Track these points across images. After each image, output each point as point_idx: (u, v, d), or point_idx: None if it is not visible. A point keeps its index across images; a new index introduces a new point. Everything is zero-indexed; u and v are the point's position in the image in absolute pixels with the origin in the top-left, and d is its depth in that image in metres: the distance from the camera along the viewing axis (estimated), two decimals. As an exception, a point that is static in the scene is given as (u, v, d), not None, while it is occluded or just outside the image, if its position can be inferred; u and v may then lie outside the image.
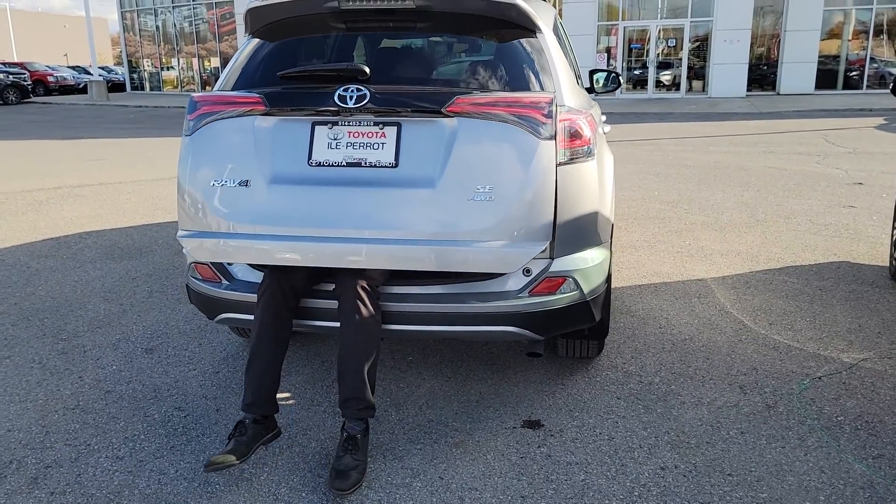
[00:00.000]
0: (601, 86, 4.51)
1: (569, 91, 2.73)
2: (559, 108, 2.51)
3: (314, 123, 2.52)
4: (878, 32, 21.29)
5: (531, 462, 2.48)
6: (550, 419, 2.76)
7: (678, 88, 22.21)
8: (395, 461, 2.50)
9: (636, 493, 2.29)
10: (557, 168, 2.45)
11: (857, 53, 21.67)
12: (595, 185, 2.66)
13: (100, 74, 30.34)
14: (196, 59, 30.62)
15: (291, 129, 2.54)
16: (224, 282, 2.74)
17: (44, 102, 27.22)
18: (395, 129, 2.47)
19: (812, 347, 3.38)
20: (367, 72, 2.54)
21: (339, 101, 2.46)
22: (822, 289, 4.20)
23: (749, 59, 21.06)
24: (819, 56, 21.35)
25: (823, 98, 19.40)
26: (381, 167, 2.45)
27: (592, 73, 4.57)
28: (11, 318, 3.97)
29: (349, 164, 2.47)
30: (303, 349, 3.45)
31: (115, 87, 33.08)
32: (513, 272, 2.50)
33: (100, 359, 3.41)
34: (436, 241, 2.40)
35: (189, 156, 2.61)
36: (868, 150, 9.96)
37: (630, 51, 22.78)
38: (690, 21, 21.54)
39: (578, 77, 3.72)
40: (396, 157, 2.45)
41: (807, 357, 3.27)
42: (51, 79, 32.51)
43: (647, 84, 22.40)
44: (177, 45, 31.13)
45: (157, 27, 31.70)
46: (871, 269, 4.55)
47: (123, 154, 11.40)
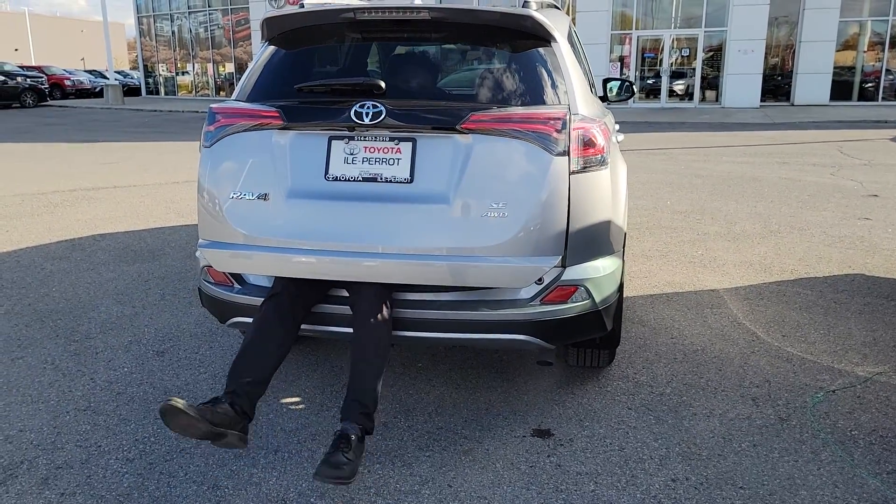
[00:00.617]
0: (614, 95, 4.51)
1: (583, 100, 2.73)
2: (573, 117, 2.51)
3: (331, 138, 2.55)
4: (894, 44, 21.15)
5: (541, 471, 2.46)
6: (560, 428, 2.75)
7: (691, 98, 22.15)
8: (404, 468, 2.49)
9: (646, 505, 2.27)
10: (570, 177, 2.46)
11: (873, 65, 21.55)
12: (608, 194, 2.65)
13: (116, 78, 30.67)
14: (211, 65, 30.87)
15: (308, 144, 2.57)
16: (236, 286, 2.75)
17: (60, 106, 27.49)
18: (411, 145, 2.49)
19: (826, 360, 3.34)
20: (383, 87, 2.56)
21: (356, 118, 2.48)
22: (837, 301, 4.17)
23: (763, 70, 20.98)
24: (834, 67, 21.24)
25: (838, 109, 19.28)
26: (397, 182, 2.48)
27: (606, 82, 4.57)
28: (25, 319, 4.00)
29: (365, 179, 2.50)
30: (313, 354, 3.46)
31: (131, 91, 33.39)
32: (525, 286, 2.50)
33: (112, 360, 3.43)
34: (449, 257, 2.42)
35: (208, 167, 2.65)
36: (883, 162, 9.88)
37: (643, 60, 22.75)
38: (704, 31, 21.49)
39: (592, 85, 3.72)
40: (412, 173, 2.48)
41: (820, 370, 3.24)
42: (68, 82, 32.88)
43: (661, 93, 22.35)
44: (192, 50, 31.39)
45: (173, 32, 31.98)
46: (887, 282, 4.51)
47: (138, 157, 11.49)
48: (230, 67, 30.07)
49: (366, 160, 2.51)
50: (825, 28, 20.88)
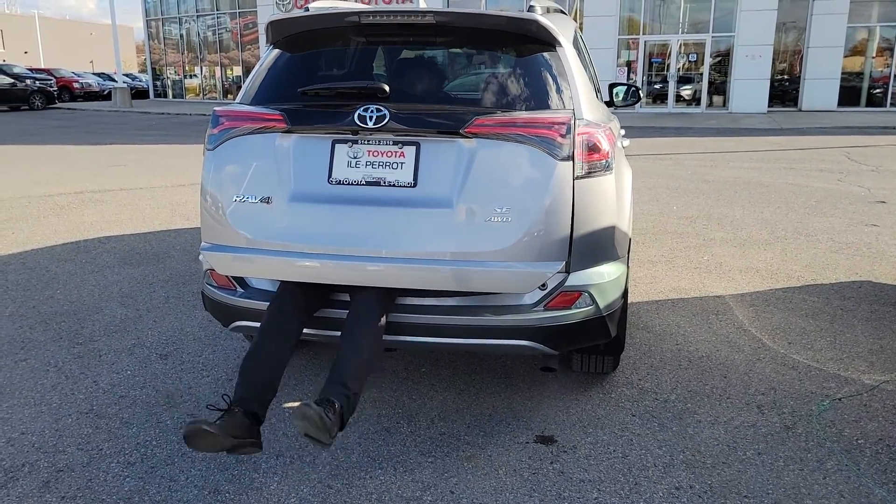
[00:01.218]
0: (621, 99, 4.49)
1: (587, 105, 2.72)
2: (578, 122, 2.50)
3: (334, 142, 2.54)
4: (903, 50, 21.09)
5: (543, 478, 2.44)
6: (564, 435, 2.73)
7: (698, 103, 22.10)
8: (406, 474, 2.48)
9: (650, 513, 2.25)
10: (575, 182, 2.44)
11: (881, 70, 21.46)
12: (613, 200, 2.64)
13: (124, 81, 30.80)
14: (219, 68, 30.99)
15: (312, 147, 2.56)
16: (239, 290, 2.75)
17: (69, 108, 27.62)
18: (414, 149, 2.49)
19: (832, 368, 3.32)
20: (387, 90, 2.56)
21: (359, 122, 2.47)
22: (843, 308, 4.14)
23: (771, 75, 20.92)
24: (842, 72, 21.17)
25: (846, 115, 19.20)
26: (400, 187, 2.47)
27: (612, 87, 4.55)
28: (30, 321, 4.01)
29: (368, 183, 2.49)
30: (315, 358, 3.45)
31: (139, 94, 33.53)
32: (529, 291, 2.49)
33: (115, 363, 3.43)
34: (453, 262, 2.41)
35: (212, 170, 2.65)
36: (891, 168, 9.82)
37: (650, 65, 22.72)
38: (712, 36, 21.46)
39: (598, 90, 3.70)
40: (415, 177, 2.47)
41: (827, 378, 3.21)
42: (76, 85, 33.06)
43: (668, 98, 22.32)
44: (200, 54, 31.52)
45: (182, 35, 32.12)
46: (894, 290, 4.47)
47: (145, 160, 11.53)
48: (238, 71, 30.18)
49: (369, 164, 2.51)
50: (833, 33, 20.81)
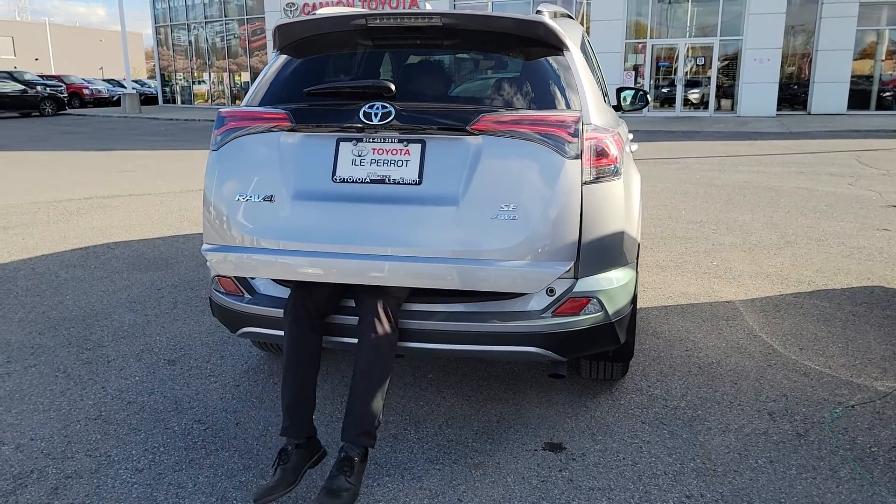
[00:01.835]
0: (628, 104, 4.48)
1: (595, 109, 2.70)
2: (585, 127, 2.48)
3: (339, 140, 2.52)
4: (913, 53, 20.98)
5: (552, 486, 2.42)
6: (573, 442, 2.71)
7: (707, 107, 22.03)
8: (414, 481, 2.46)
9: (660, 522, 2.23)
10: (583, 187, 2.42)
11: (891, 73, 21.33)
12: (621, 205, 2.62)
13: (133, 87, 31.01)
14: (227, 74, 31.14)
15: (316, 146, 2.54)
16: (246, 296, 2.74)
17: (79, 114, 27.81)
18: (420, 147, 2.46)
19: (844, 374, 3.28)
20: (393, 89, 2.54)
21: (364, 119, 2.45)
22: (855, 314, 4.10)
23: (779, 79, 20.83)
24: (851, 76, 21.04)
25: (856, 118, 19.09)
26: (405, 184, 2.44)
27: (620, 91, 4.54)
28: (39, 327, 4.02)
29: (373, 181, 2.46)
30: (323, 364, 3.44)
31: (148, 100, 33.72)
32: (536, 292, 2.46)
33: (123, 369, 3.43)
34: (459, 260, 2.37)
35: (215, 170, 2.62)
36: (902, 172, 9.76)
37: (658, 69, 22.67)
38: (720, 40, 21.39)
39: (605, 95, 3.69)
40: (420, 175, 2.44)
41: (839, 384, 3.18)
42: (86, 91, 33.30)
43: (675, 102, 22.25)
44: (208, 60, 31.69)
45: (190, 42, 32.30)
46: (906, 295, 4.43)
47: (153, 165, 11.58)
48: (246, 76, 30.31)
49: (374, 162, 2.48)
50: (842, 36, 20.70)
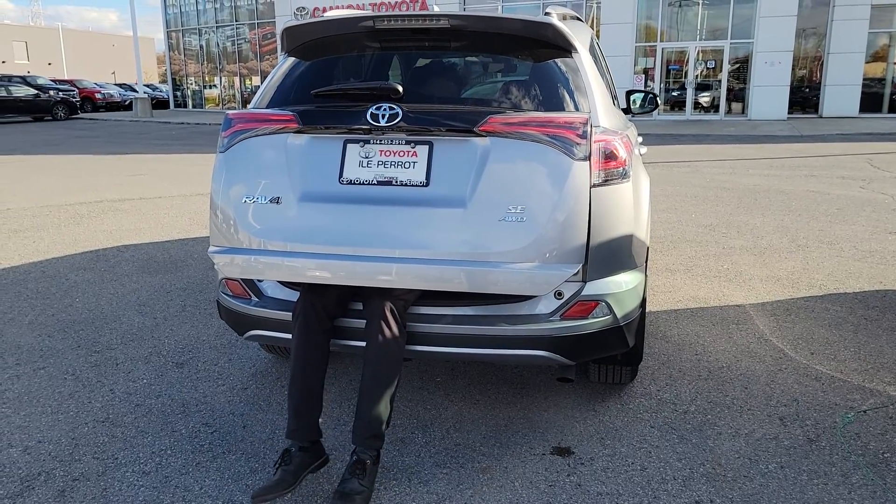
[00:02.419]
0: (638, 107, 4.46)
1: (604, 112, 2.69)
2: (594, 129, 2.47)
3: (346, 142, 2.52)
4: (926, 55, 20.81)
5: (560, 491, 2.40)
6: (581, 447, 2.69)
7: (717, 110, 21.94)
8: (421, 485, 2.45)
9: (669, 528, 2.20)
10: (591, 190, 2.40)
11: (904, 76, 21.19)
12: (630, 208, 2.60)
13: (145, 92, 31.22)
14: (238, 78, 31.31)
15: (323, 147, 2.53)
16: (254, 298, 2.74)
17: (91, 118, 28.02)
18: (427, 149, 2.45)
19: (856, 379, 3.24)
20: (400, 90, 2.53)
21: (372, 120, 2.45)
22: (867, 318, 4.05)
23: (791, 82, 20.71)
24: (863, 79, 20.90)
25: (868, 121, 18.95)
26: (412, 186, 2.43)
27: (629, 94, 4.52)
28: (48, 330, 4.04)
29: (380, 183, 2.45)
30: (331, 367, 3.43)
31: (159, 104, 33.94)
32: (544, 294, 2.44)
33: (131, 372, 3.44)
34: (466, 262, 2.35)
35: (222, 172, 2.62)
36: (915, 175, 9.67)
37: (668, 72, 22.60)
38: (730, 43, 21.31)
39: (615, 98, 3.68)
40: (428, 177, 2.43)
41: (851, 389, 3.14)
42: (98, 96, 33.54)
43: (686, 105, 22.17)
44: (219, 64, 31.88)
45: (201, 46, 32.50)
46: (920, 299, 4.38)
47: (164, 169, 11.64)
48: (256, 80, 30.46)
49: (381, 163, 2.47)
50: (854, 39, 20.57)
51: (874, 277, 4.85)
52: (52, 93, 28.24)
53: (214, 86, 32.59)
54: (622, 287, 2.58)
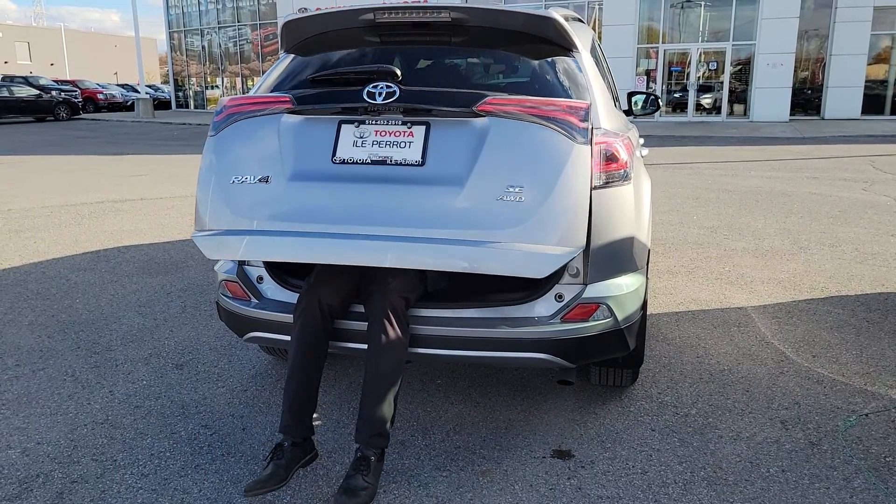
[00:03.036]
0: (640, 108, 4.45)
1: (605, 113, 2.68)
2: (595, 131, 2.45)
3: (341, 122, 2.45)
4: (928, 57, 20.78)
5: (560, 494, 2.39)
6: (581, 450, 2.68)
7: (719, 112, 21.91)
8: (420, 488, 2.44)
9: (670, 532, 2.19)
10: (592, 192, 2.39)
11: (906, 78, 21.17)
12: (631, 210, 2.59)
13: (147, 92, 31.25)
14: (239, 79, 31.33)
15: (317, 127, 2.47)
16: (254, 300, 2.73)
17: (93, 119, 28.04)
18: (424, 129, 2.39)
19: (858, 382, 3.23)
20: (399, 73, 2.47)
21: (368, 98, 2.39)
22: (870, 321, 4.04)
23: (793, 83, 20.69)
24: (865, 80, 20.89)
25: (870, 123, 18.93)
26: (408, 165, 2.35)
27: (631, 96, 4.51)
28: (48, 331, 4.03)
29: (374, 162, 2.38)
30: (331, 369, 3.42)
31: (161, 105, 33.96)
32: (543, 276, 2.28)
33: (131, 373, 3.43)
34: (463, 241, 2.25)
35: (211, 154, 2.54)
36: (918, 178, 9.65)
37: (670, 74, 22.58)
38: (732, 44, 21.29)
39: (616, 99, 3.67)
40: (423, 156, 2.35)
41: (853, 392, 3.13)
42: (100, 96, 33.57)
43: (688, 107, 22.15)
44: (221, 65, 31.90)
45: (203, 47, 32.53)
46: (922, 302, 4.36)
47: (165, 170, 11.64)
48: (258, 81, 30.47)
49: (376, 143, 2.40)
50: (856, 41, 20.56)
51: (876, 280, 4.83)
52: (55, 93, 28.27)
53: (216, 86, 32.60)
54: (623, 289, 2.56)
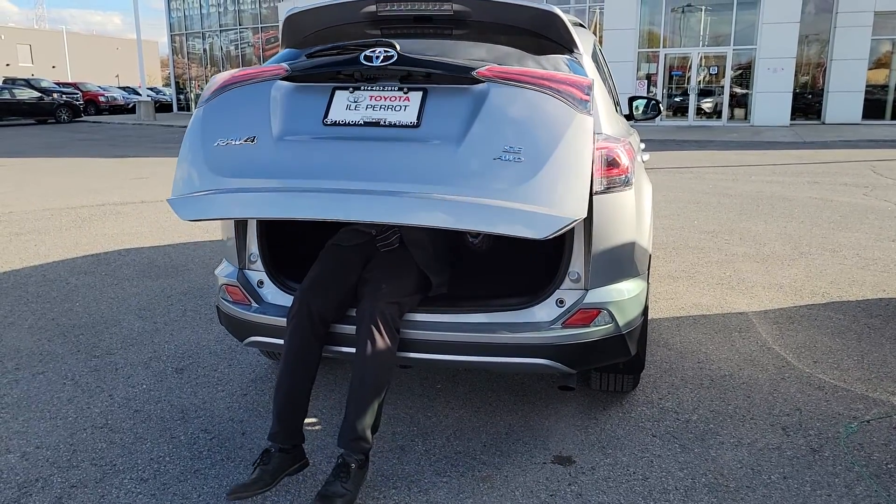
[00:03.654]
0: (640, 113, 4.45)
1: (606, 118, 2.67)
2: (596, 136, 2.45)
3: (335, 88, 2.40)
4: (929, 62, 20.80)
5: (561, 500, 2.38)
6: (582, 456, 2.67)
7: (720, 116, 21.92)
8: (421, 494, 2.43)
9: (671, 539, 2.18)
10: (593, 197, 2.39)
11: (906, 83, 21.19)
12: (632, 215, 2.59)
13: (148, 95, 31.30)
14: (240, 82, 31.34)
15: (310, 93, 2.41)
16: (254, 304, 2.73)
17: (94, 121, 28.07)
18: (421, 94, 2.33)
19: (860, 388, 3.22)
20: (398, 47, 2.39)
21: (365, 61, 2.34)
22: (871, 326, 4.03)
23: (793, 88, 20.71)
24: (866, 85, 20.91)
25: (871, 128, 18.94)
26: (402, 127, 2.28)
27: (632, 100, 4.51)
28: (48, 334, 4.03)
29: (367, 124, 2.31)
30: (329, 374, 3.42)
31: (163, 108, 34.01)
32: (542, 237, 2.15)
33: (130, 377, 3.42)
34: (457, 200, 2.13)
35: (198, 122, 2.46)
36: (918, 183, 9.65)
37: (671, 78, 22.60)
38: (733, 49, 21.31)
39: (617, 104, 3.66)
40: (419, 118, 2.29)
41: (854, 398, 3.12)
42: (102, 99, 33.61)
43: (688, 111, 22.16)
44: (223, 68, 31.93)
45: (205, 50, 32.61)
46: (923, 307, 4.36)
47: (166, 172, 11.64)
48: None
49: (370, 107, 2.34)
50: (857, 46, 20.58)
51: (877, 285, 4.83)
52: (56, 96, 28.29)
53: (217, 89, 32.63)
54: (624, 295, 2.56)
